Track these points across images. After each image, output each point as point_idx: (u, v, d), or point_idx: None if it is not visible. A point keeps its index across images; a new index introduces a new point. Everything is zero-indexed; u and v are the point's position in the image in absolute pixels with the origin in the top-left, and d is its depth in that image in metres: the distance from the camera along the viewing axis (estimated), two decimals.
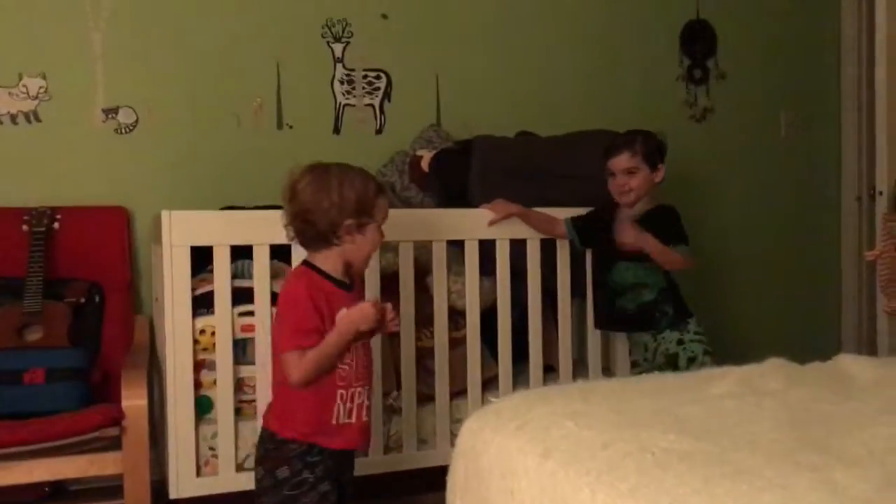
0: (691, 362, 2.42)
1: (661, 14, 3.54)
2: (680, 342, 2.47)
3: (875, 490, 0.84)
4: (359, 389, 1.79)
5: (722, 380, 1.25)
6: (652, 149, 2.50)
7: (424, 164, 2.84)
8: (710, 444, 0.97)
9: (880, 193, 3.01)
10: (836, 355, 1.52)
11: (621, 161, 2.48)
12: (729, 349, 2.30)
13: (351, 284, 1.83)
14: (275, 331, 1.81)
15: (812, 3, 3.80)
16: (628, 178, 2.48)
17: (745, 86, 3.66)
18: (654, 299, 2.50)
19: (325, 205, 1.72)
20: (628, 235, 2.43)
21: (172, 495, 2.23)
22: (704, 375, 1.30)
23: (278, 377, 1.77)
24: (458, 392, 2.56)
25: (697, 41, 3.60)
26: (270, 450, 1.76)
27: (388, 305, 1.81)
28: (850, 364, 1.44)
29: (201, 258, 2.31)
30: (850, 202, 3.81)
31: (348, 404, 1.77)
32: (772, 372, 1.31)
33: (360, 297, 1.88)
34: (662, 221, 2.48)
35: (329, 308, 1.73)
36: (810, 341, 3.56)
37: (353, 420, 1.78)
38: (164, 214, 2.24)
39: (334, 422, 1.75)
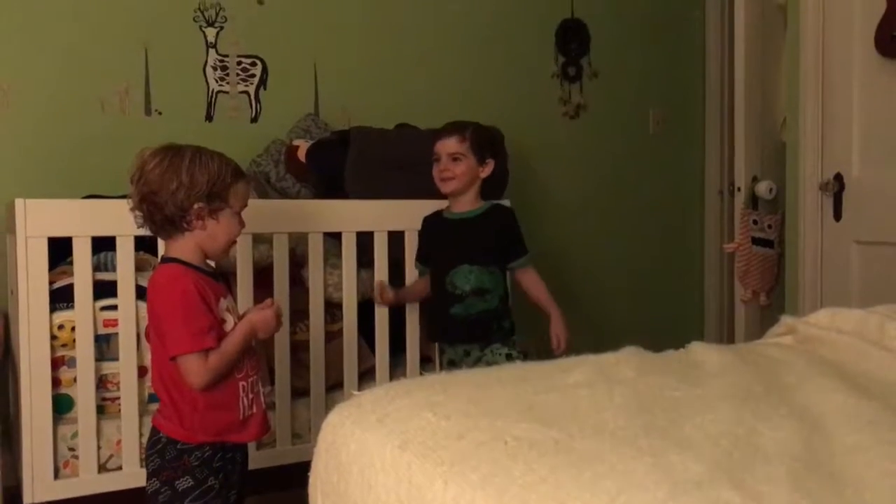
0: None
1: (538, 11, 3.62)
2: (509, 356, 2.33)
3: (707, 471, 0.89)
4: (254, 378, 1.75)
5: (578, 368, 1.29)
6: (482, 140, 2.37)
7: (301, 154, 2.80)
8: (559, 432, 1.00)
9: (738, 189, 3.19)
10: (689, 343, 1.59)
11: (449, 144, 2.34)
12: (598, 336, 2.38)
13: (216, 272, 1.77)
14: (158, 333, 1.66)
15: (679, 7, 3.98)
16: (453, 164, 2.33)
17: (616, 84, 3.79)
18: (495, 308, 2.35)
19: (174, 186, 1.62)
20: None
21: (27, 500, 2.11)
22: (562, 364, 1.34)
23: (170, 381, 1.66)
24: (335, 385, 2.55)
25: (572, 39, 3.70)
26: (170, 459, 1.65)
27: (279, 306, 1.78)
28: (700, 352, 1.51)
29: (60, 249, 2.20)
30: (712, 196, 4.02)
31: (250, 395, 1.73)
32: (626, 360, 1.36)
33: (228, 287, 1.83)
34: (506, 228, 2.41)
35: (213, 302, 1.67)
36: (675, 329, 3.74)
37: (255, 410, 1.74)
38: (19, 203, 2.12)
39: (241, 416, 1.70)
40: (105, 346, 2.25)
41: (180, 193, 1.63)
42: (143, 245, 2.27)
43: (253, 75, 3.07)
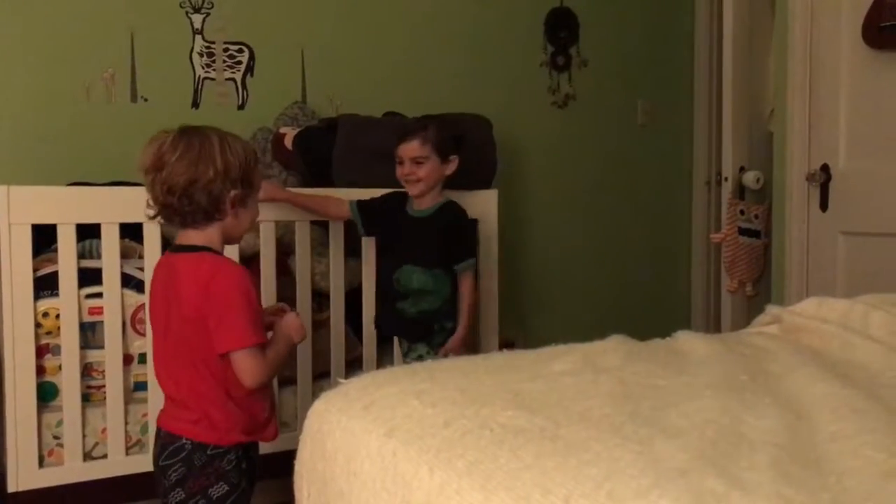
0: None
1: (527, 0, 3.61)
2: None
3: (692, 458, 0.89)
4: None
5: (564, 357, 1.29)
6: (444, 138, 2.33)
7: (288, 142, 2.78)
8: (545, 420, 1.01)
9: (725, 179, 3.19)
10: (676, 332, 1.60)
11: (411, 148, 2.31)
12: (584, 325, 2.38)
13: None
14: (201, 328, 1.55)
15: None
16: (416, 167, 2.31)
17: (605, 74, 3.79)
18: (437, 309, 2.32)
19: (210, 174, 1.52)
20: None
21: (11, 488, 2.10)
22: (549, 353, 1.34)
23: (199, 379, 1.57)
24: (322, 374, 2.55)
25: (561, 28, 3.69)
26: (200, 466, 1.56)
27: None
28: (686, 341, 1.51)
29: (45, 236, 2.19)
30: (700, 186, 4.03)
31: (269, 392, 1.70)
32: (612, 349, 1.37)
33: None
34: (453, 227, 2.36)
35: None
36: (662, 318, 3.76)
37: (273, 410, 1.71)
38: (2, 190, 2.10)
39: (266, 414, 1.66)
40: (90, 333, 2.23)
41: (217, 182, 1.54)
42: (129, 232, 2.26)
43: (240, 62, 3.05)
